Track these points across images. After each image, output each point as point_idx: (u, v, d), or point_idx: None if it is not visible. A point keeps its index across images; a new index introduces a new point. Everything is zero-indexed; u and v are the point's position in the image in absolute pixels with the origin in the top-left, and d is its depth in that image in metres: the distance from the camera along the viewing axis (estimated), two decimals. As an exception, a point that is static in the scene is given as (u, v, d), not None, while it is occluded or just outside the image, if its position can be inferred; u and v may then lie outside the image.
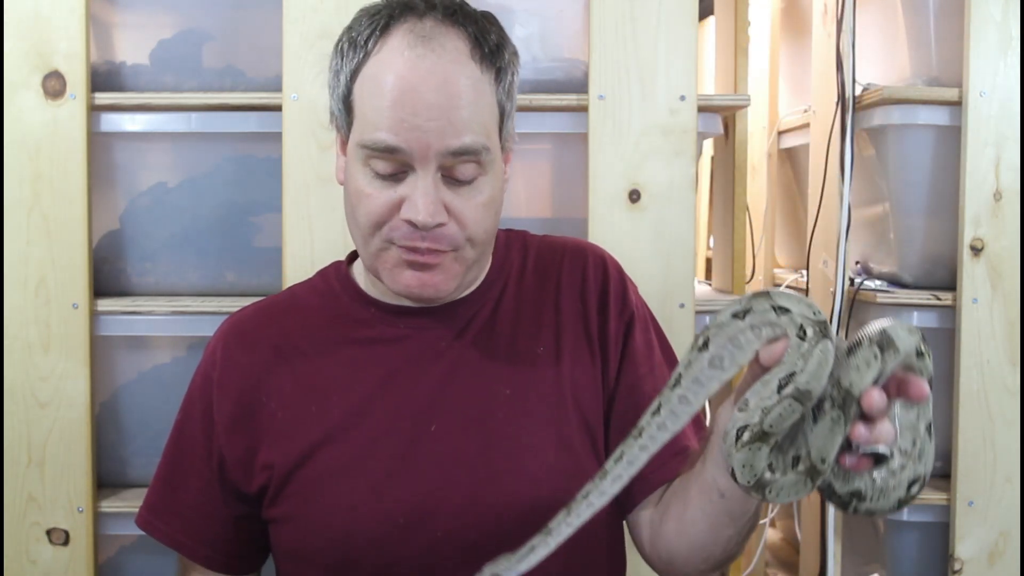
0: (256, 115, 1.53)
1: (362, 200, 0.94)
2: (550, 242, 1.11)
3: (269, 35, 1.51)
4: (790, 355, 0.74)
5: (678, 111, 1.50)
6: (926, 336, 0.76)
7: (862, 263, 1.84)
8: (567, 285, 1.06)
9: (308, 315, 1.06)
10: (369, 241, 0.96)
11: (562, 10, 1.57)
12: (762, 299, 0.76)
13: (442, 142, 0.91)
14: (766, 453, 0.75)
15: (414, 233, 0.93)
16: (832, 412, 0.73)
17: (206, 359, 1.06)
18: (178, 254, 1.59)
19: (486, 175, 0.95)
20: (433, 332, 1.02)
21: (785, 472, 0.75)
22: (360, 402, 1.00)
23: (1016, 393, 1.60)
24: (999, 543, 1.61)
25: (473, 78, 0.93)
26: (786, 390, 0.72)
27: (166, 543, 1.06)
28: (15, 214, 1.49)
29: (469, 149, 0.92)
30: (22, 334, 1.49)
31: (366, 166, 0.94)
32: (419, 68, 0.91)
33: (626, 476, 0.83)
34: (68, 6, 1.48)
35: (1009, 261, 1.60)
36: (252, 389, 1.02)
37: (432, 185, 0.92)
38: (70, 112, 1.49)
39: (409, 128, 0.90)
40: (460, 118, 0.91)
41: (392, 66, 0.91)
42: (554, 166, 1.62)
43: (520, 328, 1.03)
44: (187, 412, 1.06)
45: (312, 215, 1.48)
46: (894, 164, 1.69)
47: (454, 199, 0.93)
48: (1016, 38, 1.58)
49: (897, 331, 0.73)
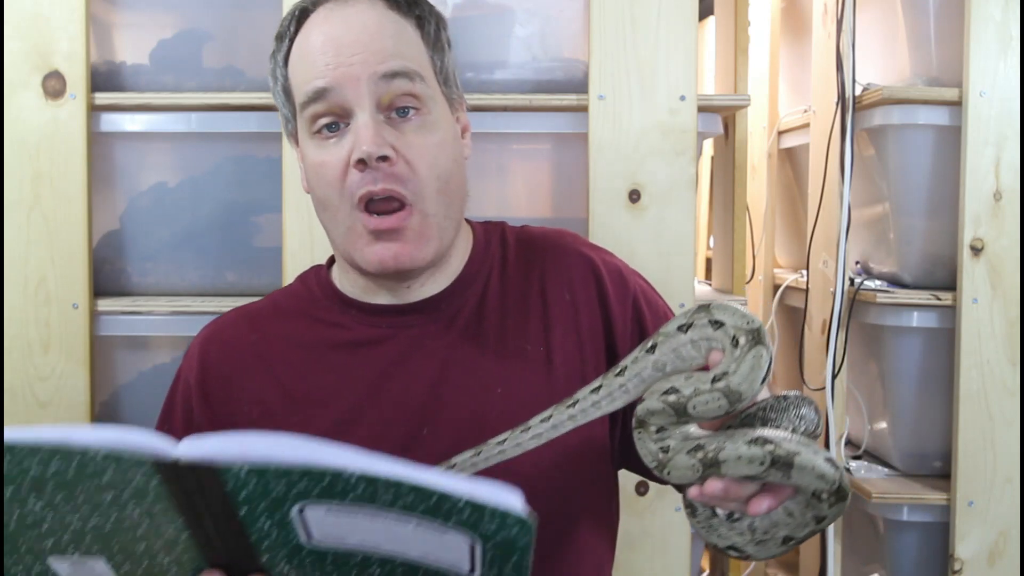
0: (256, 115, 1.53)
1: (319, 172, 0.95)
2: (531, 233, 1.09)
3: (269, 35, 1.50)
4: (725, 360, 0.77)
5: (678, 111, 1.50)
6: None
7: (862, 263, 1.84)
8: (552, 277, 1.03)
9: (289, 322, 1.04)
10: (337, 219, 0.96)
11: (562, 10, 1.57)
12: (702, 313, 0.79)
13: (369, 69, 0.92)
14: (677, 431, 0.78)
15: (366, 177, 0.92)
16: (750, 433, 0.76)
17: (185, 365, 1.04)
18: (178, 254, 1.59)
19: (429, 113, 0.96)
20: (417, 329, 1.00)
21: (683, 453, 0.77)
22: (348, 410, 0.97)
23: (1016, 393, 1.60)
24: (999, 543, 1.61)
25: (393, 20, 0.96)
26: (718, 383, 0.75)
27: None
28: (15, 214, 1.49)
29: (399, 71, 0.93)
30: (22, 334, 1.49)
31: (313, 136, 0.95)
32: (335, 20, 0.95)
33: (545, 437, 0.85)
34: (68, 6, 1.48)
35: (1009, 261, 1.60)
36: (233, 396, 1.00)
37: (371, 118, 0.93)
38: (70, 112, 1.49)
39: (336, 66, 0.93)
40: (384, 48, 0.93)
41: (312, 30, 0.96)
42: (554, 166, 1.62)
43: (508, 323, 1.01)
44: (167, 419, 1.04)
45: (312, 215, 1.46)
46: (894, 164, 1.69)
47: (399, 138, 0.94)
48: (1016, 38, 1.58)
49: (821, 462, 0.74)
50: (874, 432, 1.83)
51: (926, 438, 1.73)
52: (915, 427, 1.73)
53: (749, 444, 0.73)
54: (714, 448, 0.74)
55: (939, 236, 1.68)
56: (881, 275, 1.78)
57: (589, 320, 1.02)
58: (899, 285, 1.72)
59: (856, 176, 1.73)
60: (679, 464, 0.76)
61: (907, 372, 1.71)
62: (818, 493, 0.75)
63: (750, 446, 0.73)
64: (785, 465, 0.72)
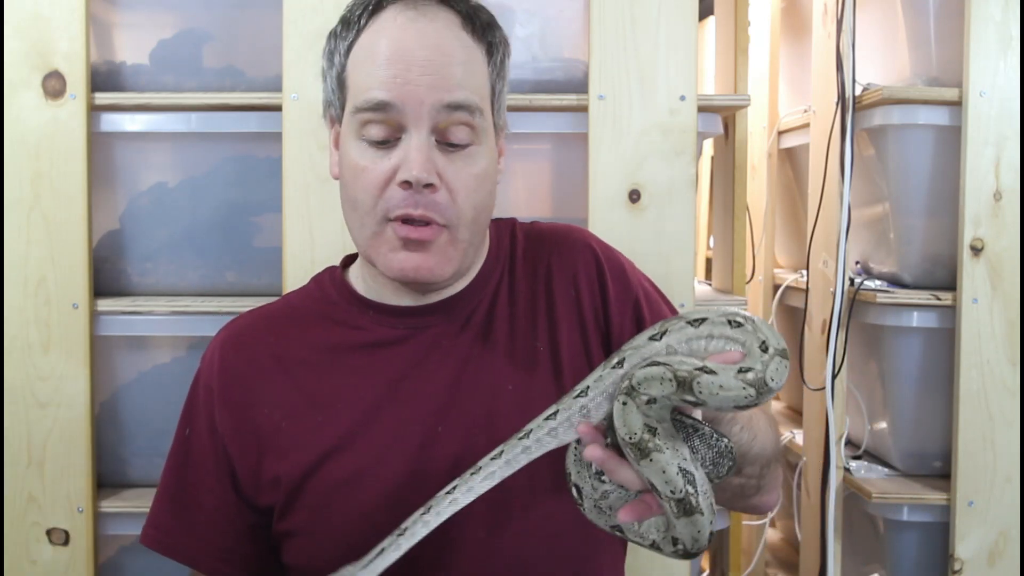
0: (256, 115, 1.53)
1: (358, 175, 0.94)
2: (538, 229, 1.10)
3: (269, 35, 1.51)
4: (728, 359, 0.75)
5: (678, 111, 1.50)
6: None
7: (862, 263, 1.85)
8: (558, 272, 1.04)
9: (306, 323, 1.04)
10: (365, 223, 0.95)
11: (562, 10, 1.57)
12: (678, 320, 0.77)
13: (435, 96, 0.91)
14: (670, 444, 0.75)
15: (408, 198, 0.92)
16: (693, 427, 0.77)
17: (204, 369, 1.04)
18: (178, 254, 1.59)
19: (479, 144, 0.96)
20: (433, 330, 1.01)
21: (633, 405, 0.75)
22: (366, 410, 0.98)
23: (1016, 393, 1.60)
24: (999, 543, 1.61)
25: (465, 44, 0.95)
26: (746, 374, 0.71)
27: (180, 560, 1.03)
28: (15, 214, 1.49)
29: (462, 104, 0.92)
30: (22, 334, 1.49)
31: (360, 139, 0.94)
32: (411, 30, 0.93)
33: (499, 476, 0.83)
34: (68, 6, 1.48)
35: (1009, 261, 1.60)
36: (253, 400, 1.00)
37: (425, 143, 0.92)
38: (70, 112, 1.49)
39: (402, 83, 0.91)
40: (452, 75, 0.92)
41: (384, 32, 0.93)
42: (554, 166, 1.62)
43: (516, 322, 1.02)
44: (191, 424, 1.03)
45: (312, 215, 1.48)
46: (894, 164, 1.69)
47: (447, 165, 0.93)
48: (1016, 38, 1.58)
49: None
50: (874, 432, 1.83)
51: (926, 438, 1.73)
52: (915, 427, 1.73)
53: None
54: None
55: (939, 236, 1.68)
56: (881, 275, 1.78)
57: (592, 314, 1.03)
58: (899, 285, 1.72)
59: (856, 176, 1.73)
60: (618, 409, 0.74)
61: (907, 372, 1.71)
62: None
63: None
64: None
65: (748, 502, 1.01)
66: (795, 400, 2.27)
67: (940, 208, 1.66)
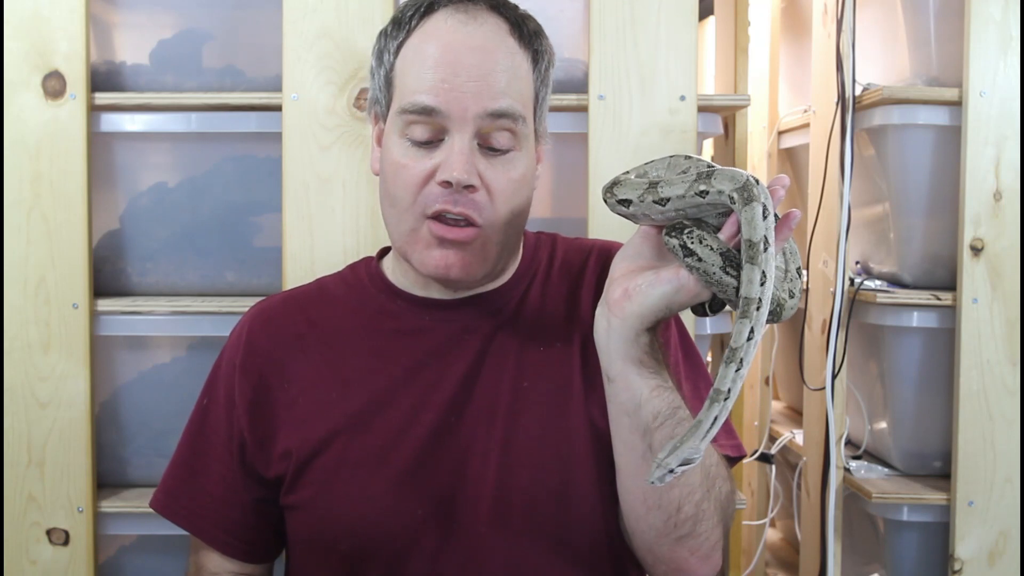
0: (256, 115, 1.53)
1: (399, 172, 0.96)
2: (579, 244, 1.13)
3: (269, 35, 1.51)
4: None
5: (678, 111, 1.50)
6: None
7: (862, 263, 1.85)
8: (587, 284, 1.07)
9: (335, 305, 1.07)
10: (403, 219, 0.98)
11: (562, 10, 1.57)
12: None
13: (480, 104, 0.93)
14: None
15: (447, 195, 0.94)
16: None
17: (231, 343, 1.08)
18: (178, 254, 1.59)
19: (520, 151, 0.98)
20: (457, 324, 1.03)
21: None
22: (382, 392, 1.01)
23: (1016, 393, 1.60)
24: (999, 543, 1.61)
25: (512, 51, 0.96)
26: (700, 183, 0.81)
27: (183, 525, 1.07)
28: (15, 214, 1.49)
29: (506, 112, 0.95)
30: (22, 334, 1.49)
31: (403, 137, 0.96)
32: (459, 35, 0.95)
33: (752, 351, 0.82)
34: (68, 6, 1.48)
35: (1009, 261, 1.60)
36: (273, 374, 1.03)
37: (468, 146, 0.94)
38: (70, 112, 1.49)
39: (449, 89, 0.93)
40: (498, 82, 0.94)
41: (434, 35, 0.96)
42: (554, 166, 1.62)
43: (542, 324, 1.04)
44: (210, 396, 1.07)
45: (312, 215, 1.48)
46: (894, 164, 1.69)
47: (487, 168, 0.96)
48: (1016, 38, 1.58)
49: None
50: (874, 432, 1.83)
51: (926, 438, 1.73)
52: (915, 427, 1.73)
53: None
54: None
55: (939, 236, 1.68)
56: (881, 275, 1.78)
57: None
58: (899, 285, 1.72)
59: (856, 176, 1.73)
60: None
61: (907, 372, 1.71)
62: None
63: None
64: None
65: (678, 550, 0.95)
66: (795, 400, 2.27)
67: (940, 208, 1.66)
